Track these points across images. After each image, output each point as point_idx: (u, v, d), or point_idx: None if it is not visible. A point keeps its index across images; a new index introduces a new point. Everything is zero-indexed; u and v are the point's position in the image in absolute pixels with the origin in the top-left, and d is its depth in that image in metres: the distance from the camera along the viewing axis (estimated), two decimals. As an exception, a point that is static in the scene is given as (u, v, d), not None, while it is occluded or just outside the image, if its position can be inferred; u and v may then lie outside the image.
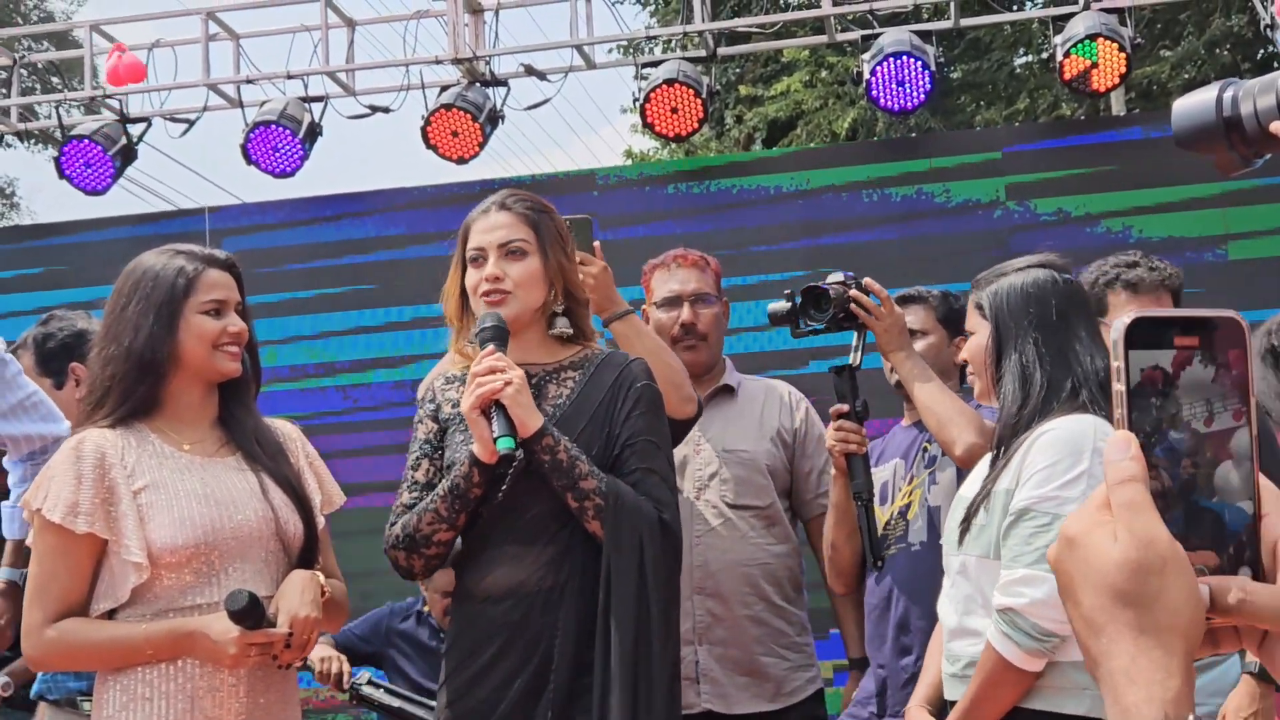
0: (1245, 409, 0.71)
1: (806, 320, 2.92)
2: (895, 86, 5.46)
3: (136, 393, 2.30)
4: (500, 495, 2.26)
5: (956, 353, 3.27)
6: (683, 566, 2.51)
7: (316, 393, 5.81)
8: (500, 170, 18.04)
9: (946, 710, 2.45)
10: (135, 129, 6.24)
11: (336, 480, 2.52)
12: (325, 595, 2.29)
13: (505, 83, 6.00)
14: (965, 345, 2.59)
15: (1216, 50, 10.40)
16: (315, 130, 6.04)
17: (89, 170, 6.08)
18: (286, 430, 2.50)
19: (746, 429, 3.23)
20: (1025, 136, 6.50)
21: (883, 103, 5.53)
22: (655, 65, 5.90)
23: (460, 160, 5.89)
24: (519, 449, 2.21)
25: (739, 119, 12.76)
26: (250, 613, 2.13)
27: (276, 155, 5.97)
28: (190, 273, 2.32)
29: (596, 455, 2.28)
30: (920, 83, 5.44)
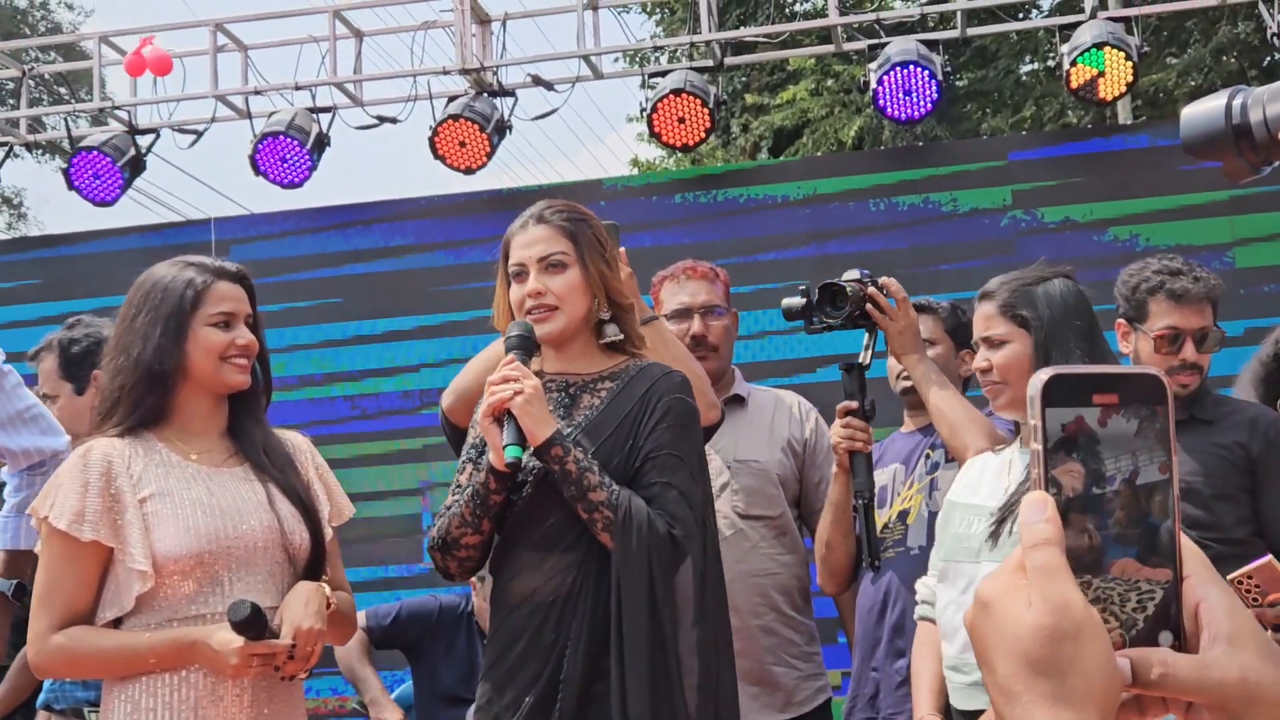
0: (1169, 465, 0.69)
1: (822, 316, 2.91)
2: (902, 96, 5.46)
3: (145, 403, 2.30)
4: (519, 502, 2.28)
5: (962, 364, 3.27)
6: None
7: (324, 402, 5.82)
8: (507, 180, 18.04)
9: (951, 715, 2.44)
10: (144, 140, 6.26)
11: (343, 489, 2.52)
12: (331, 607, 2.29)
13: (512, 93, 6.01)
14: (997, 354, 2.51)
15: (1223, 58, 10.40)
16: (323, 141, 6.06)
17: (98, 181, 6.10)
18: (297, 442, 2.50)
19: (757, 439, 3.23)
20: (1032, 144, 6.50)
21: (890, 112, 5.53)
22: (662, 75, 5.91)
23: (468, 170, 5.90)
24: (531, 458, 2.22)
25: (745, 128, 12.76)
26: (253, 623, 2.12)
27: (285, 166, 5.98)
28: (199, 285, 2.32)
29: (618, 466, 2.27)
30: (927, 92, 5.44)
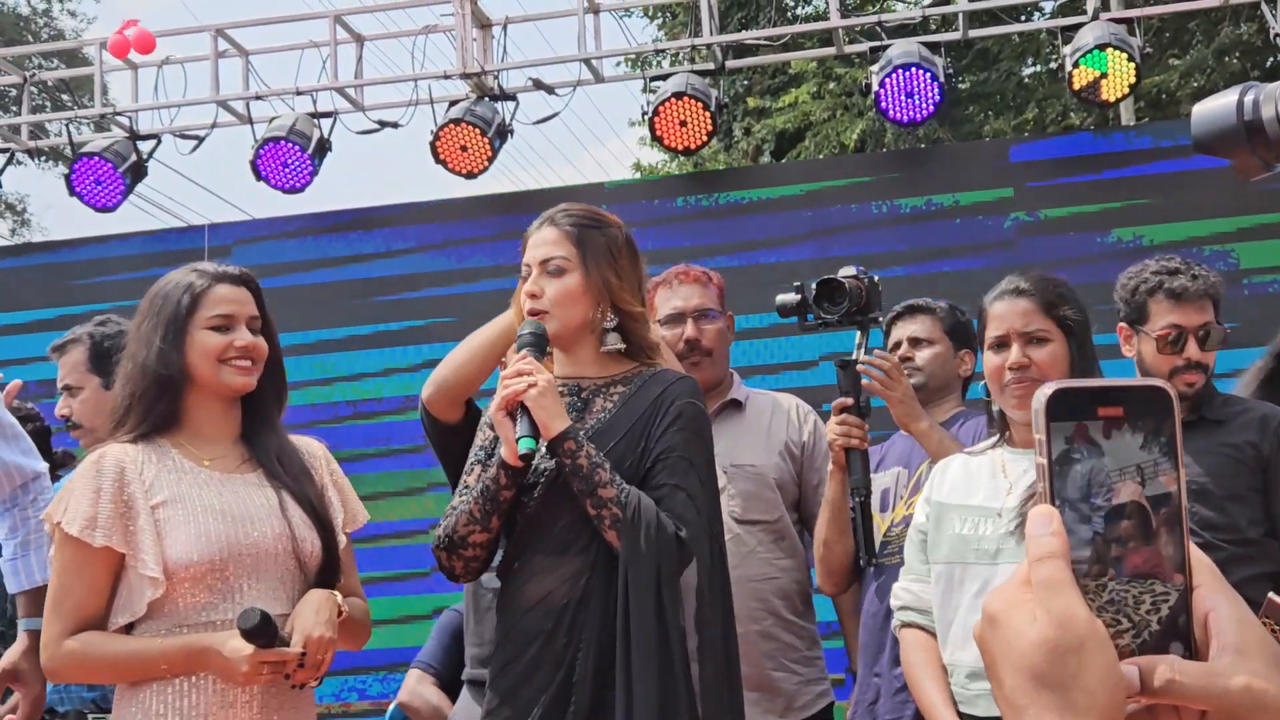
0: (1176, 477, 0.69)
1: (819, 312, 2.89)
2: (904, 98, 5.45)
3: (156, 409, 2.31)
4: (529, 504, 2.27)
5: (960, 365, 3.26)
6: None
7: (326, 405, 5.81)
8: (509, 184, 18.07)
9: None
10: (145, 146, 6.27)
11: None
12: (343, 615, 2.29)
13: (514, 97, 6.01)
14: (1038, 351, 2.43)
15: (1225, 59, 10.39)
16: (324, 145, 6.06)
17: (99, 187, 6.11)
18: (312, 448, 2.50)
19: (754, 443, 3.21)
20: (1034, 146, 6.49)
21: (892, 114, 5.52)
22: (663, 78, 5.91)
23: (469, 174, 5.90)
24: (544, 451, 2.23)
25: (747, 131, 12.75)
26: (262, 631, 2.12)
27: (286, 171, 5.98)
28: (197, 289, 2.32)
29: (629, 469, 2.27)
30: (929, 94, 5.43)
